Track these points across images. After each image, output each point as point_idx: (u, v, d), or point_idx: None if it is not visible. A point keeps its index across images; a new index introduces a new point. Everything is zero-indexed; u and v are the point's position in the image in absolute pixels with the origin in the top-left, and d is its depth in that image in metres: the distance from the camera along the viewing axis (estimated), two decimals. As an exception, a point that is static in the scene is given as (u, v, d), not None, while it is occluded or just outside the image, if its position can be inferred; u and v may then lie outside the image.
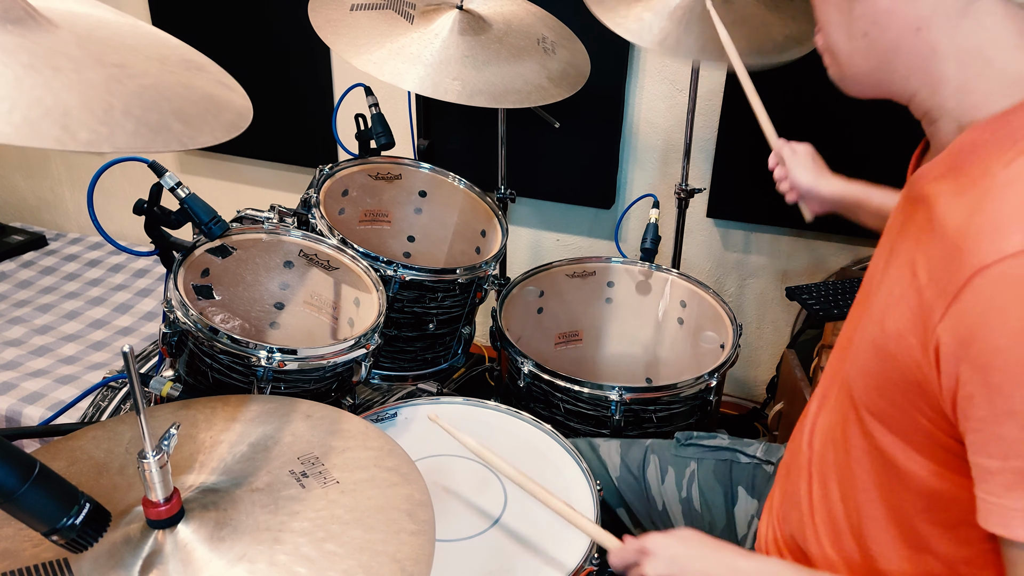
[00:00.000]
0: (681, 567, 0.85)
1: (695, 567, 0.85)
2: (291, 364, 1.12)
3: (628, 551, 0.89)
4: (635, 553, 0.88)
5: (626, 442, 1.22)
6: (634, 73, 2.04)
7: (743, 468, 1.15)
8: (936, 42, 0.70)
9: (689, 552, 0.86)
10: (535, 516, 1.06)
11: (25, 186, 2.94)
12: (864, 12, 0.73)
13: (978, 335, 0.62)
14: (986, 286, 0.62)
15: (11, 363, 2.03)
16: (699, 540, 0.86)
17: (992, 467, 0.64)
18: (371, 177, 1.62)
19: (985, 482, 0.65)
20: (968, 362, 0.64)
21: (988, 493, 0.65)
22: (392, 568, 0.72)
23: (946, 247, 0.67)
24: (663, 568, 0.85)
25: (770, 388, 2.01)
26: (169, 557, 0.72)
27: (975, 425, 0.65)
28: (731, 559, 0.84)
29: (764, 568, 0.84)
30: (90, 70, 0.65)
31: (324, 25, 1.40)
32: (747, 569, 0.83)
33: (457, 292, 1.47)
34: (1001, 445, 0.63)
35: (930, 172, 0.74)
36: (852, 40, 0.75)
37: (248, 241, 1.31)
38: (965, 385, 0.64)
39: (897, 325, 0.72)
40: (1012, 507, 0.63)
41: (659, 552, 0.86)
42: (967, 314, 0.63)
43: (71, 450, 0.86)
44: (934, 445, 0.72)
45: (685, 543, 0.86)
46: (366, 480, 0.83)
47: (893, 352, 0.72)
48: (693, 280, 1.66)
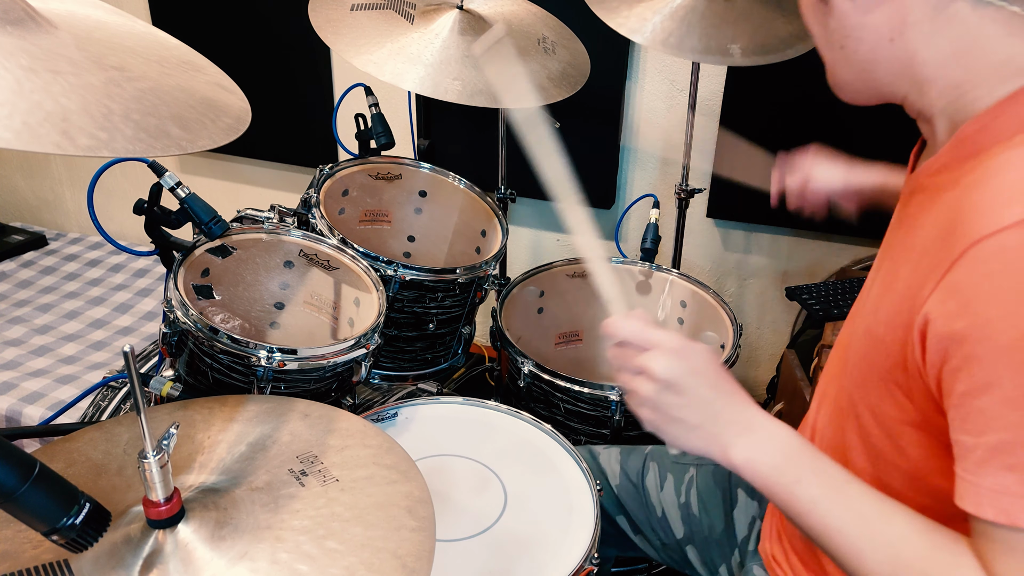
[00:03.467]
0: (692, 379, 0.75)
1: (702, 390, 0.76)
2: (291, 364, 1.12)
3: (636, 332, 0.77)
4: (643, 339, 0.77)
5: (625, 449, 1.22)
6: (634, 73, 2.04)
7: None
8: (913, 49, 0.71)
9: (705, 371, 0.76)
10: (535, 516, 1.06)
11: (25, 186, 2.94)
12: (837, 27, 0.74)
13: (968, 306, 0.62)
14: (981, 257, 0.61)
15: (11, 363, 2.04)
16: (718, 366, 0.77)
17: (968, 443, 0.64)
18: (371, 177, 1.62)
19: (963, 459, 0.65)
20: (954, 336, 0.63)
21: (964, 471, 0.64)
22: (393, 564, 0.73)
23: (942, 226, 0.67)
24: (672, 370, 0.75)
25: (770, 388, 2.01)
26: (170, 557, 0.72)
27: (956, 401, 0.64)
28: (743, 403, 0.77)
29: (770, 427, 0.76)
30: (89, 73, 0.65)
31: (324, 25, 1.40)
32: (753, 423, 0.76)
33: (457, 292, 1.47)
34: (978, 420, 0.62)
35: (931, 167, 0.74)
36: (832, 51, 0.77)
37: (248, 241, 1.31)
38: (951, 359, 0.64)
39: (887, 310, 0.72)
40: (982, 485, 0.63)
41: (673, 352, 0.76)
42: (959, 286, 0.63)
43: (68, 452, 0.86)
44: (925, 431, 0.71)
45: (705, 358, 0.77)
46: (365, 478, 0.83)
47: (881, 336, 0.72)
48: (693, 280, 1.66)
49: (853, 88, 0.79)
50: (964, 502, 0.65)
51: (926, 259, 0.68)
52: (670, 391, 0.75)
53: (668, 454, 1.19)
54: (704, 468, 1.16)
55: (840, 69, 0.78)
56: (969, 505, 0.64)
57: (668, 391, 0.75)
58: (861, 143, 1.88)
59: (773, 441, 0.75)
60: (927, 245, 0.69)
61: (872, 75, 0.75)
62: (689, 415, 0.76)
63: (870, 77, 0.76)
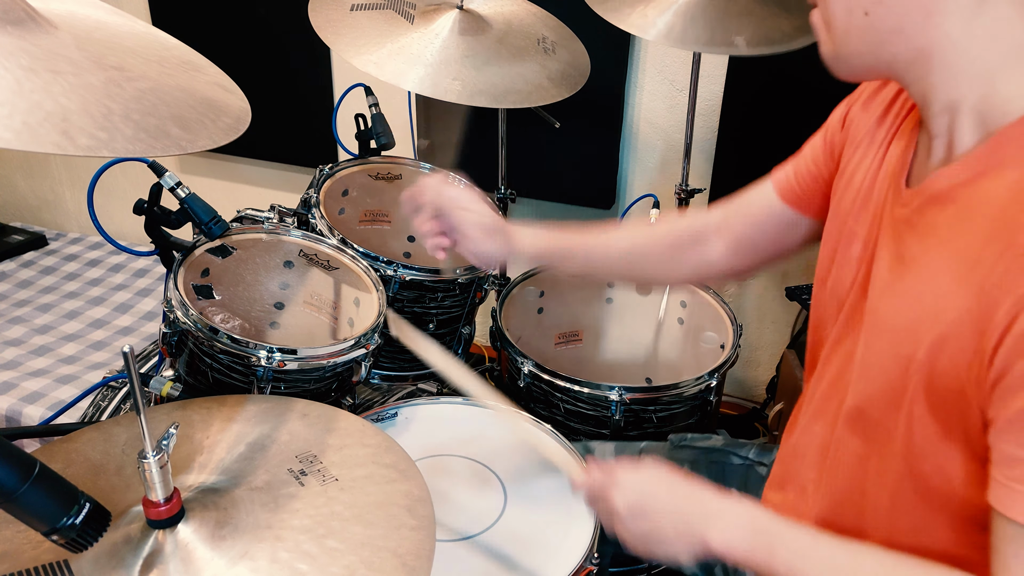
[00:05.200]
0: (651, 499, 0.82)
1: (663, 502, 0.82)
2: (291, 364, 1.12)
3: (596, 481, 0.87)
4: (602, 484, 0.86)
5: (620, 445, 1.22)
6: (634, 73, 2.04)
7: (736, 469, 1.15)
8: (949, 30, 0.66)
9: (659, 486, 0.83)
10: (535, 516, 1.06)
11: (25, 186, 2.94)
12: None
13: None
14: None
15: (11, 363, 2.04)
16: (669, 475, 0.84)
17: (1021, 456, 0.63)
18: (371, 177, 1.62)
19: (1008, 467, 0.64)
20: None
21: (1008, 479, 0.64)
22: (394, 563, 0.73)
23: (1004, 243, 0.64)
24: (632, 498, 0.83)
25: (770, 388, 2.01)
26: (170, 557, 0.72)
27: (1012, 415, 0.63)
28: (701, 495, 0.82)
29: (735, 508, 0.81)
30: (89, 73, 0.65)
31: (324, 25, 1.41)
32: (719, 509, 0.81)
33: (457, 292, 1.47)
34: None
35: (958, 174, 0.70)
36: (851, 16, 0.70)
37: (248, 241, 1.31)
38: (1014, 376, 0.62)
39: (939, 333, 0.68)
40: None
41: (627, 484, 0.84)
42: None
43: (67, 452, 0.86)
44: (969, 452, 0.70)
45: (655, 476, 0.84)
46: (365, 477, 0.83)
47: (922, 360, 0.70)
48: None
49: (861, 62, 0.73)
50: (1004, 506, 0.65)
51: (993, 276, 0.64)
52: (639, 518, 0.83)
53: (662, 450, 1.19)
54: (698, 465, 1.16)
55: (853, 38, 0.71)
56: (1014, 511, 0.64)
57: (637, 518, 0.83)
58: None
59: (741, 520, 0.79)
60: (989, 260, 0.65)
61: (889, 49, 0.70)
62: (664, 528, 0.81)
63: (885, 51, 0.70)
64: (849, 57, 0.74)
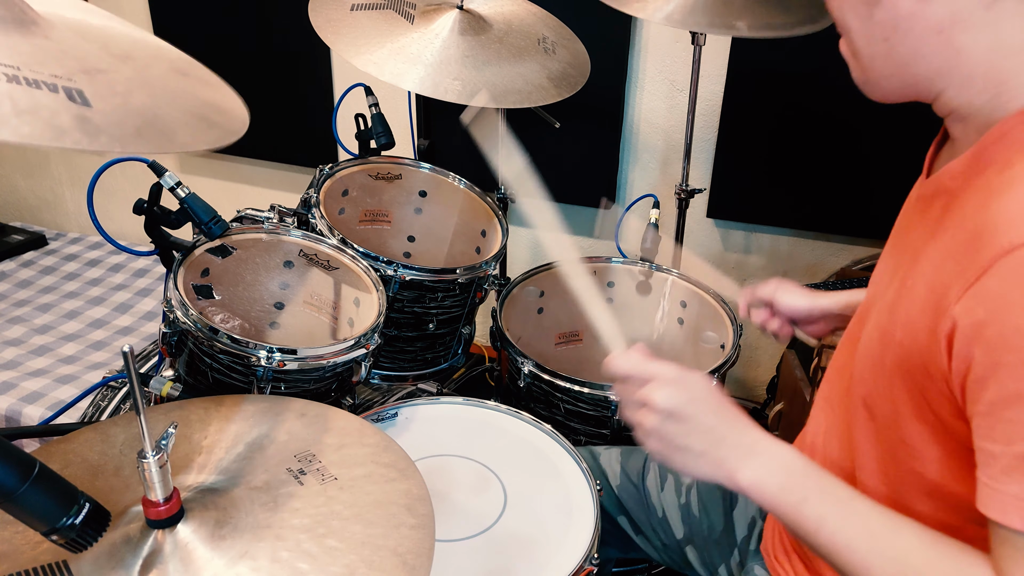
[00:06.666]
0: (695, 409, 0.78)
1: (705, 417, 0.78)
2: (291, 364, 1.12)
3: (638, 367, 0.81)
4: (646, 373, 0.80)
5: (626, 450, 1.22)
6: (634, 73, 2.04)
7: None
8: (960, 43, 0.69)
9: (708, 400, 0.79)
10: (535, 516, 1.06)
11: (25, 186, 2.94)
12: (884, 18, 0.71)
13: (997, 316, 0.62)
14: (1011, 267, 0.62)
15: (11, 363, 2.04)
16: (720, 394, 0.80)
17: (995, 451, 0.64)
18: (371, 177, 1.62)
19: (987, 466, 0.65)
20: (983, 343, 0.63)
21: (989, 478, 0.64)
22: (394, 562, 0.73)
23: (966, 232, 0.67)
24: (676, 400, 0.78)
25: (770, 388, 2.01)
26: (169, 557, 0.72)
27: (983, 408, 0.64)
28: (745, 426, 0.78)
29: (774, 448, 0.78)
30: (89, 74, 0.65)
31: (324, 25, 1.41)
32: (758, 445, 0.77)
33: (457, 292, 1.47)
34: (1007, 429, 0.63)
35: (954, 168, 0.74)
36: (873, 44, 0.74)
37: (248, 241, 1.31)
38: (977, 367, 0.64)
39: (908, 312, 0.71)
40: (1009, 492, 0.63)
41: (676, 383, 0.79)
42: (987, 295, 0.63)
43: (65, 453, 0.86)
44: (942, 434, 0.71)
45: (707, 388, 0.80)
46: (364, 476, 0.83)
47: (900, 339, 0.72)
48: (693, 280, 1.66)
49: (889, 85, 0.76)
50: (988, 509, 0.65)
51: (950, 263, 0.67)
52: (673, 420, 0.78)
53: None
54: None
55: (880, 64, 0.75)
56: (993, 512, 0.64)
57: (671, 420, 0.78)
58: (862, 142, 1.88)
59: (778, 462, 0.77)
60: (951, 248, 0.68)
61: (913, 69, 0.73)
62: (693, 442, 0.78)
63: (910, 72, 0.73)
64: (878, 81, 0.76)
